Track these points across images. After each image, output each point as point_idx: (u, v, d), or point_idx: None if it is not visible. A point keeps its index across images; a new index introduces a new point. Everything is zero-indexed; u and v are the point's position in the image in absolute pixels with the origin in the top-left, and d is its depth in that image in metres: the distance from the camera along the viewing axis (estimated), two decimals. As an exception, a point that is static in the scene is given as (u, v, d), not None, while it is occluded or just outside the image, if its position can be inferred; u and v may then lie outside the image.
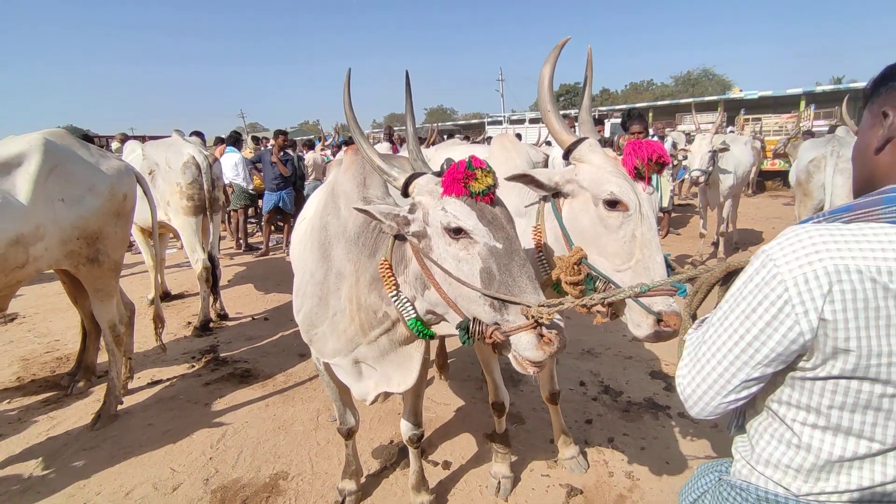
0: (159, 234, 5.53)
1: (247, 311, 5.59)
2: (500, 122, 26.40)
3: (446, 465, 2.85)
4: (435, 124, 13.11)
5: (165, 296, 5.92)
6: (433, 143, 7.71)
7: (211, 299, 5.11)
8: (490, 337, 1.40)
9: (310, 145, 10.42)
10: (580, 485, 2.62)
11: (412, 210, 1.55)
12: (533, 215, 1.98)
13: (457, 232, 1.44)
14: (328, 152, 9.96)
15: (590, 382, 3.68)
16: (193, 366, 4.24)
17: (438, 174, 1.55)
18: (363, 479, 2.68)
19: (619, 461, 2.81)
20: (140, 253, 6.14)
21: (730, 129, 15.64)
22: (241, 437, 3.17)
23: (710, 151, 6.45)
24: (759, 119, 18.15)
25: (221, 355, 4.41)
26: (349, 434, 2.51)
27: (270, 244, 8.45)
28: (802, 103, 19.34)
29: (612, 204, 1.62)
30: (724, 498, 1.09)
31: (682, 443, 2.97)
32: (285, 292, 5.88)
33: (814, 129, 11.80)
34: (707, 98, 25.38)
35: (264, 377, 3.99)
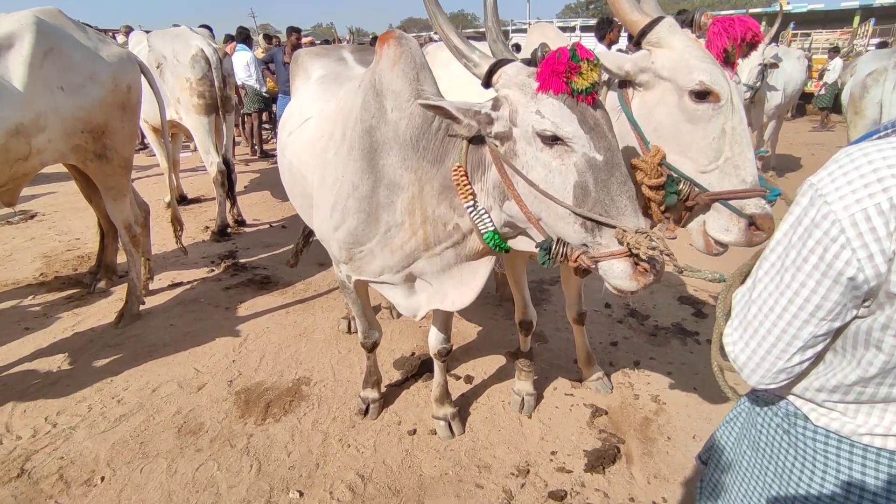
0: (172, 134, 5.33)
1: (264, 217, 5.50)
2: (524, 31, 24.61)
3: (468, 379, 2.83)
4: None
5: (182, 199, 5.83)
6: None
7: (228, 204, 4.99)
8: (576, 261, 1.27)
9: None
10: (605, 405, 2.59)
11: (496, 106, 1.32)
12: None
13: (552, 139, 1.23)
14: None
15: (615, 304, 3.58)
16: (213, 270, 4.21)
17: (530, 62, 1.30)
18: (384, 389, 2.67)
19: (644, 384, 2.76)
20: (154, 155, 5.97)
21: (774, 45, 14.37)
22: (263, 342, 3.17)
23: (760, 65, 5.87)
24: (809, 35, 16.62)
25: (240, 261, 4.37)
26: (373, 347, 2.46)
27: (286, 151, 8.19)
28: (857, 19, 17.56)
29: (702, 95, 1.37)
30: (757, 413, 1.03)
31: (711, 370, 2.89)
32: (302, 201, 5.74)
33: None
34: (751, 10, 23.22)
35: (283, 285, 3.96)
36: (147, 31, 5.26)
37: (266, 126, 9.47)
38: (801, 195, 0.78)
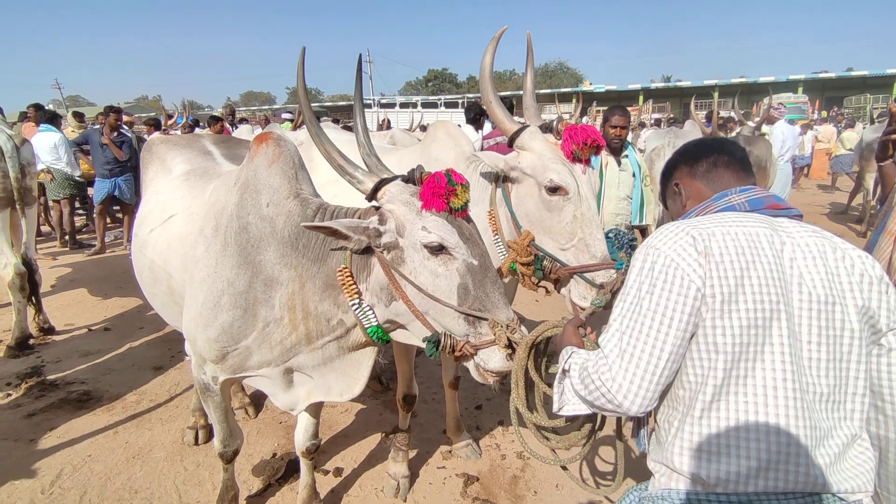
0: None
1: (80, 321, 4.70)
2: (369, 106, 25.92)
3: (338, 471, 2.68)
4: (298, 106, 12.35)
5: (-38, 310, 4.73)
6: (300, 126, 7.22)
7: (31, 311, 4.20)
8: (461, 350, 1.43)
9: (154, 124, 9.08)
10: (475, 471, 2.65)
11: (382, 220, 1.46)
12: (486, 201, 2.00)
13: (437, 249, 1.41)
14: (178, 132, 8.79)
15: (476, 367, 3.74)
16: (10, 394, 3.43)
17: (407, 180, 1.48)
18: (244, 503, 2.40)
19: (509, 443, 2.90)
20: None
21: (584, 118, 17.27)
22: (84, 475, 2.64)
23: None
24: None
25: (49, 378, 3.64)
26: (233, 456, 2.22)
27: (106, 239, 7.24)
28: (641, 97, 22.08)
29: (554, 189, 1.73)
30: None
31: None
32: (130, 296, 5.06)
33: (648, 121, 13.50)
34: (564, 90, 27.78)
35: (109, 399, 3.38)
36: None
37: (80, 212, 8.34)
38: (637, 252, 1.10)
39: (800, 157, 10.33)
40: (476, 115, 5.79)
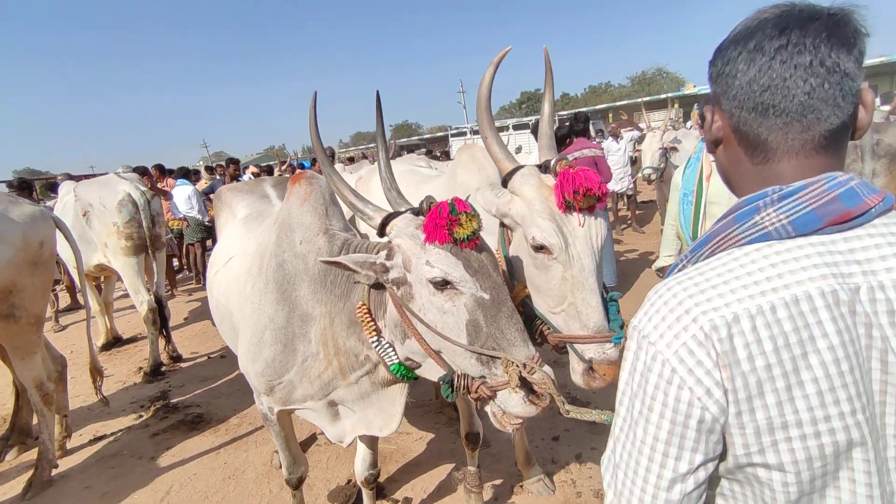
0: (105, 276, 5.29)
1: (203, 349, 5.33)
2: (463, 133, 26.53)
3: (407, 501, 2.68)
4: (392, 140, 13.03)
5: (116, 341, 5.61)
6: (392, 158, 7.59)
7: (162, 342, 4.85)
8: (476, 392, 1.33)
9: (269, 172, 10.16)
10: (546, 510, 2.48)
11: (390, 255, 1.43)
12: (496, 239, 1.74)
13: (442, 284, 1.33)
14: (287, 175, 9.72)
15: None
16: (141, 415, 3.97)
17: (417, 212, 1.44)
18: (317, 528, 2.49)
19: (586, 479, 2.69)
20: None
21: (688, 123, 16.00)
22: (188, 492, 2.94)
23: (660, 149, 6.51)
24: (714, 113, 18.67)
25: (172, 401, 4.16)
26: (298, 484, 2.33)
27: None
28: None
29: (538, 247, 1.48)
30: None
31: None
32: (244, 326, 5.63)
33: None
34: (662, 96, 26.07)
35: (217, 421, 3.76)
36: (76, 179, 5.40)
37: (210, 252, 9.51)
38: (629, 339, 0.74)
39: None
40: (582, 129, 5.43)
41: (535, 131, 5.22)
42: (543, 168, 1.59)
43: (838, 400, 0.64)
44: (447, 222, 1.31)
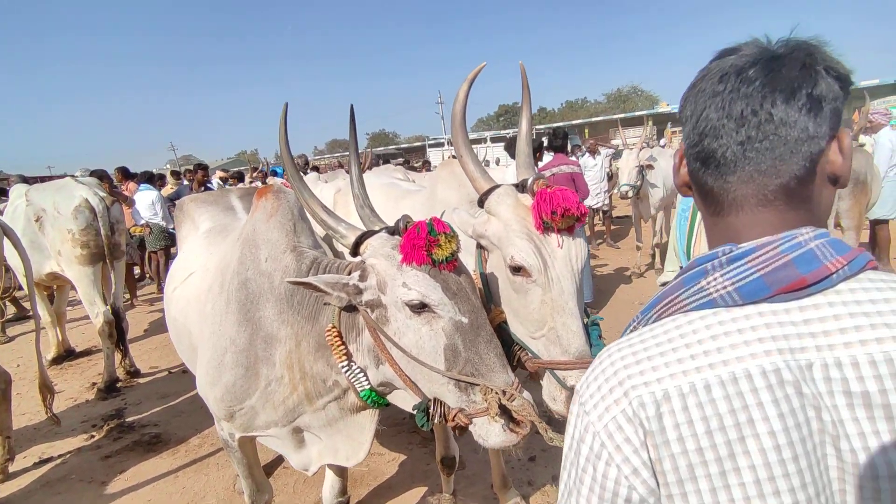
0: (57, 285, 4.99)
1: (163, 363, 5.06)
2: (441, 144, 26.66)
3: (378, 528, 2.55)
4: (369, 149, 12.92)
5: (68, 354, 5.29)
6: (369, 168, 7.49)
7: (118, 356, 4.58)
8: (454, 420, 1.27)
9: (239, 177, 9.90)
10: (523, 536, 2.40)
11: (363, 276, 1.35)
12: (474, 260, 1.66)
13: (419, 307, 1.28)
14: (258, 183, 9.49)
15: (533, 413, 3.49)
16: (93, 436, 3.71)
17: (392, 231, 1.37)
18: (282, 558, 2.33)
19: (564, 503, 2.61)
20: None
21: (662, 141, 16.41)
22: (141, 521, 2.74)
23: (637, 166, 6.61)
24: (685, 131, 19.31)
25: (128, 420, 3.91)
26: None
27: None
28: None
29: (516, 269, 1.41)
30: None
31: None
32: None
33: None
34: (637, 113, 26.77)
35: (176, 442, 3.54)
36: (29, 182, 5.11)
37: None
38: (572, 403, 0.69)
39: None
40: (560, 144, 5.40)
41: (509, 147, 5.18)
42: (521, 187, 1.53)
43: (778, 490, 0.56)
44: (426, 243, 1.25)
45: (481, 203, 1.53)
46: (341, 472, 2.16)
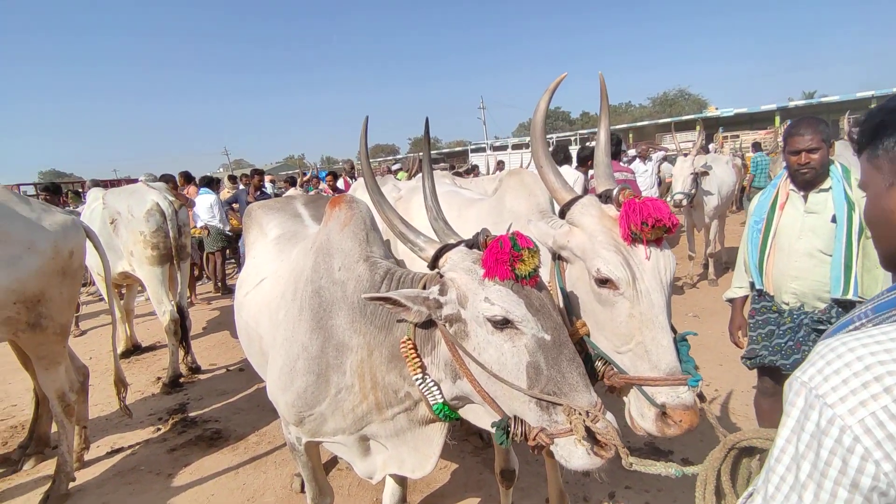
0: (127, 284, 5.28)
1: (221, 361, 5.28)
2: (483, 149, 26.67)
3: (433, 537, 2.56)
4: (415, 154, 13.08)
5: (135, 349, 5.59)
6: (415, 174, 7.58)
7: (181, 352, 4.81)
8: (534, 439, 1.24)
9: (291, 182, 10.22)
10: (581, 555, 2.35)
11: (443, 290, 1.35)
12: (548, 272, 1.62)
13: (502, 323, 1.26)
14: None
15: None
16: (159, 429, 3.91)
17: (471, 244, 1.37)
18: (339, 560, 2.38)
19: (622, 521, 2.54)
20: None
21: (711, 146, 15.86)
22: (206, 514, 2.85)
23: (692, 174, 6.39)
24: (738, 136, 18.49)
25: (191, 414, 4.09)
26: None
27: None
28: (777, 118, 19.74)
29: (602, 281, 1.38)
30: None
31: (690, 494, 2.71)
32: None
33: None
34: (685, 117, 25.93)
35: (235, 438, 3.68)
36: (119, 181, 5.42)
37: (231, 261, 9.55)
38: (794, 395, 0.69)
39: None
40: (563, 158, 5.32)
41: (581, 160, 5.07)
42: (603, 198, 1.51)
43: None
44: (509, 258, 1.24)
45: (563, 214, 1.51)
46: (402, 480, 2.19)
